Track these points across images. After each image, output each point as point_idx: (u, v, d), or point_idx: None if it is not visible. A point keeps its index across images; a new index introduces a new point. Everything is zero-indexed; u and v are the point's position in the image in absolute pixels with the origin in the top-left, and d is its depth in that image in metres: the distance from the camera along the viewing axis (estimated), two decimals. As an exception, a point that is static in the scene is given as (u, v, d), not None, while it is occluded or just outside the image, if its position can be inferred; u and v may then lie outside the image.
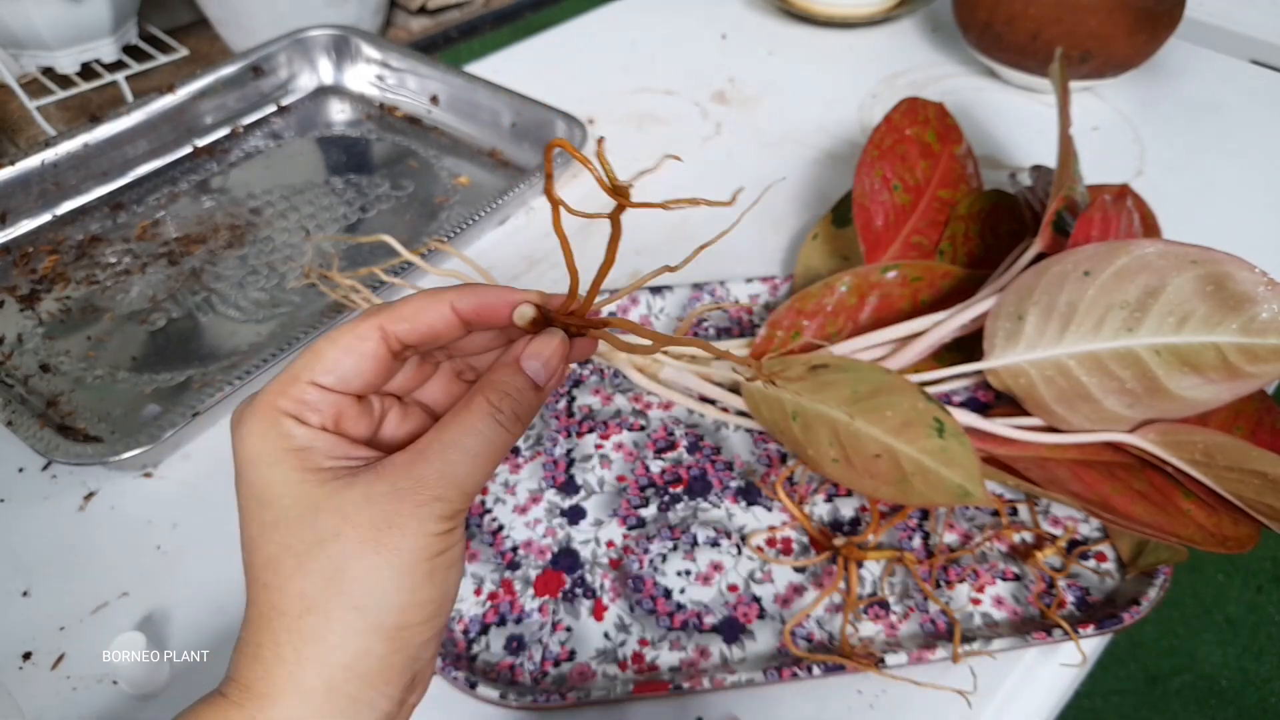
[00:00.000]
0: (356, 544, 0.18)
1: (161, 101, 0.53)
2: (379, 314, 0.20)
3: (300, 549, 0.18)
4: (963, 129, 0.45)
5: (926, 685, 0.30)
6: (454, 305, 0.21)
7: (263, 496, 0.19)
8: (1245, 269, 0.32)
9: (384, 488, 0.19)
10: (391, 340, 0.20)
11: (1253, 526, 0.33)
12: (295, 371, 0.20)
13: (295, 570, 0.18)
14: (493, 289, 0.21)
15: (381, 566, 0.18)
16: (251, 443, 0.19)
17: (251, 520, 0.19)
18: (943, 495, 0.31)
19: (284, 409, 0.19)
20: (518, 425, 0.20)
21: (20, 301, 0.45)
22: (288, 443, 0.19)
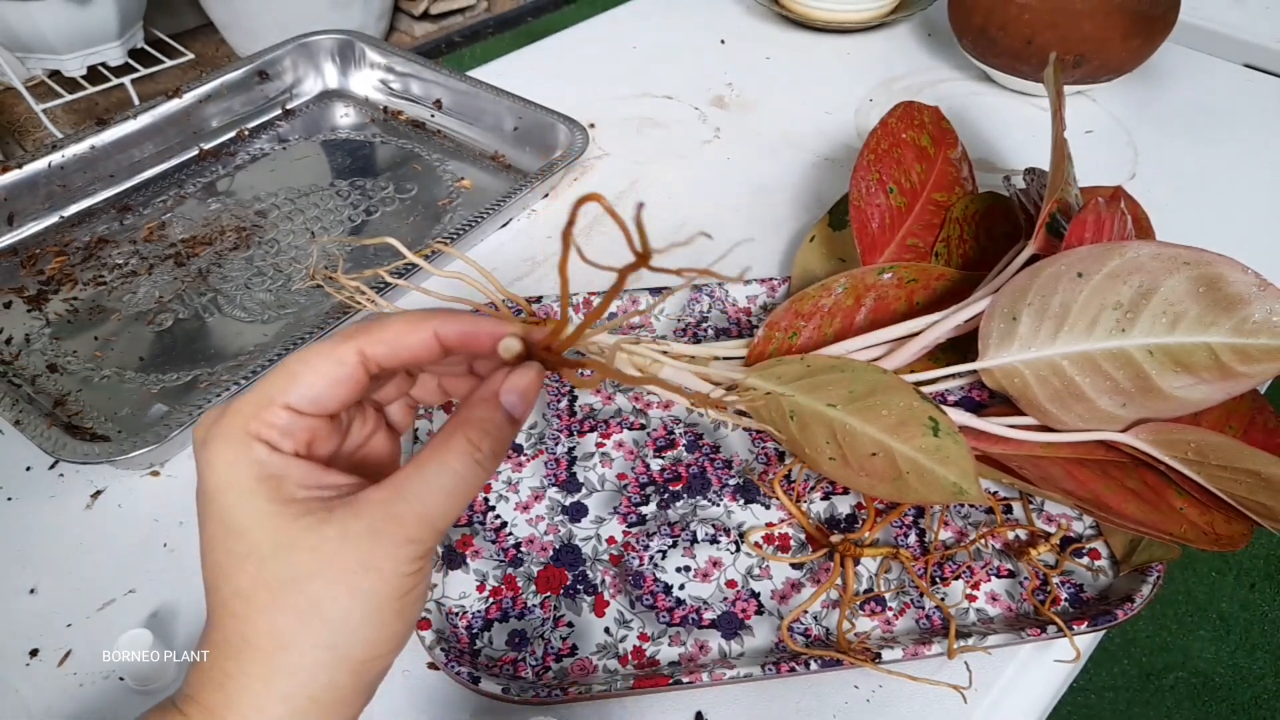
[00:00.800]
0: (331, 585, 0.18)
1: (168, 105, 0.54)
2: (358, 337, 0.20)
3: (275, 585, 0.18)
4: (958, 133, 0.46)
5: (922, 680, 0.30)
6: (437, 333, 0.20)
7: (233, 526, 0.18)
8: (1237, 270, 0.32)
9: (361, 528, 0.18)
10: (370, 364, 0.20)
11: (1245, 524, 0.34)
12: (269, 394, 0.19)
13: (269, 605, 0.18)
14: (477, 318, 0.21)
15: (355, 608, 0.18)
16: (220, 469, 0.19)
17: (218, 547, 0.19)
18: (938, 493, 0.31)
19: (256, 433, 0.19)
20: (494, 462, 0.20)
21: (28, 302, 0.46)
22: (259, 470, 0.19)
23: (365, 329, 0.20)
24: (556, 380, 0.41)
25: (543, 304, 0.43)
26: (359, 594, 0.18)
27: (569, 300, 0.21)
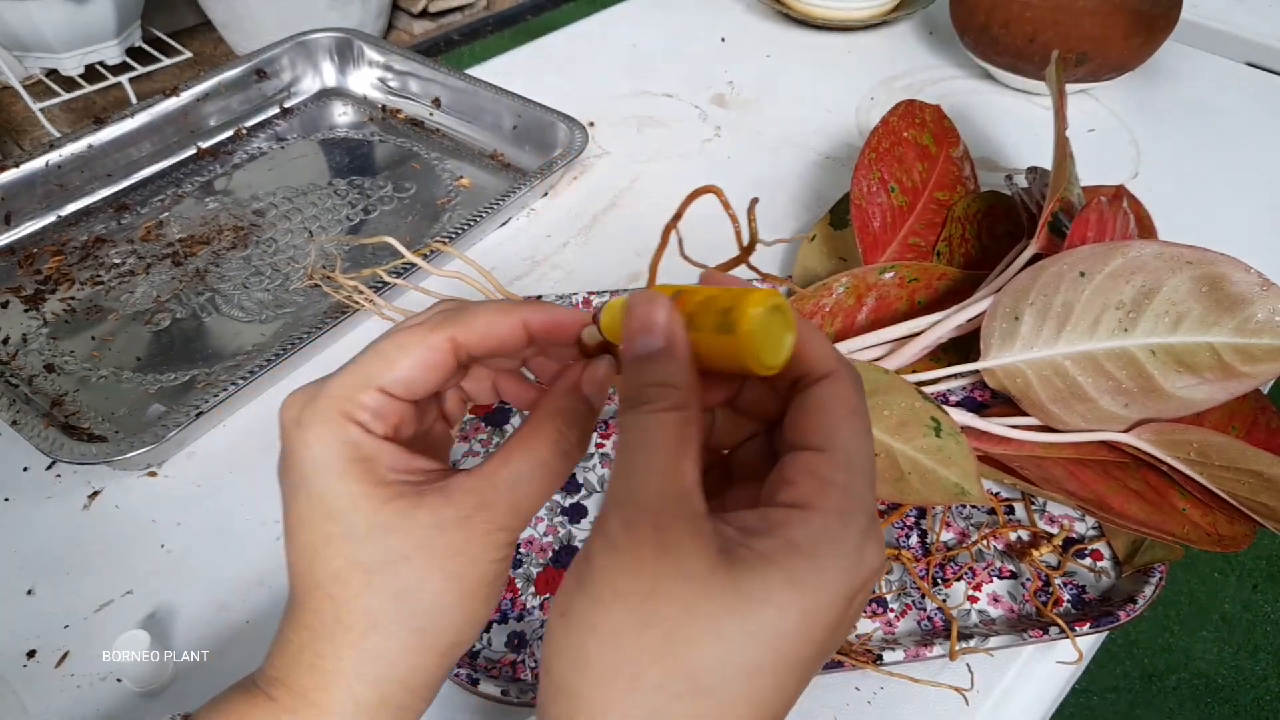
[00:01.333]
0: (425, 569, 0.18)
1: (165, 104, 0.54)
2: (451, 325, 0.20)
3: (371, 567, 0.18)
4: (959, 131, 0.46)
5: (924, 682, 0.30)
6: (526, 321, 0.20)
7: (330, 508, 0.19)
8: (1240, 270, 0.32)
9: (453, 514, 0.19)
10: (461, 353, 0.20)
11: (1248, 525, 0.34)
12: (365, 376, 0.19)
13: (364, 587, 0.18)
14: (560, 309, 0.21)
15: (449, 592, 0.19)
16: (317, 449, 0.19)
17: (314, 529, 0.19)
18: (939, 494, 0.31)
19: (350, 415, 0.19)
20: (580, 451, 0.20)
21: (25, 302, 0.45)
22: (354, 452, 0.19)
23: (456, 317, 0.20)
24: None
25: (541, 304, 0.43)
26: (452, 578, 0.19)
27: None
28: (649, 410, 0.17)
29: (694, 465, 0.17)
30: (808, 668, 0.16)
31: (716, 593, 0.16)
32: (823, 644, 0.16)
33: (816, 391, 0.18)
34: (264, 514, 0.36)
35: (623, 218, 0.51)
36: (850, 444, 0.17)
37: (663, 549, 0.16)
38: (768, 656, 0.15)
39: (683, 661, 0.15)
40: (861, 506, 0.17)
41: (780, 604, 0.16)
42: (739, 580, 0.16)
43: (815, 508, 0.16)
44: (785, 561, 0.16)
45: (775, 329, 0.18)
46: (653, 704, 0.15)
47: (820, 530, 0.16)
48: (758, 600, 0.16)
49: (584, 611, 0.16)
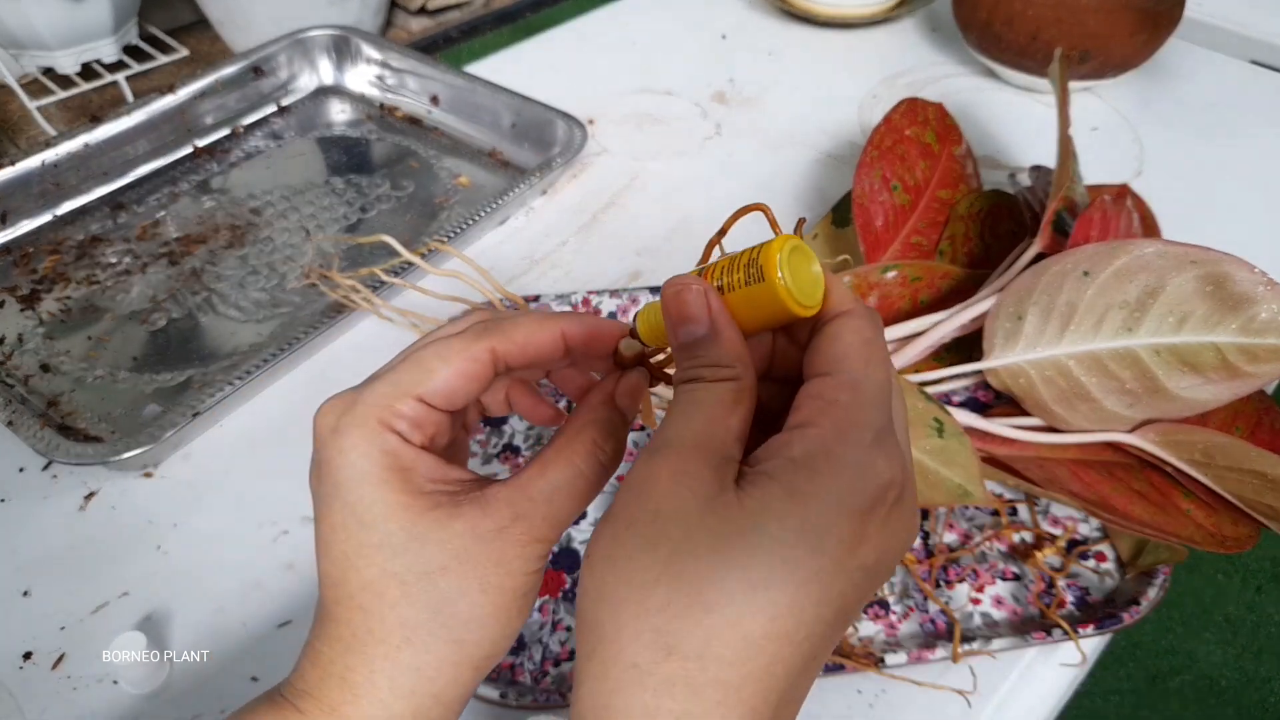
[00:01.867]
0: (462, 580, 0.18)
1: (162, 102, 0.53)
2: (490, 335, 0.20)
3: (407, 578, 0.18)
4: (962, 129, 0.45)
5: (926, 685, 0.30)
6: (565, 332, 0.20)
7: (365, 517, 0.18)
8: (1244, 269, 0.32)
9: (490, 525, 0.18)
10: (500, 364, 0.20)
11: (1252, 526, 0.33)
12: (403, 386, 0.19)
13: (400, 599, 0.18)
14: (597, 320, 0.21)
15: (485, 604, 0.19)
16: (354, 457, 0.18)
17: (348, 538, 0.19)
18: (942, 495, 0.31)
19: (388, 423, 0.19)
20: (616, 462, 0.20)
21: (21, 301, 0.45)
22: (392, 460, 0.19)
23: (497, 328, 0.20)
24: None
25: (540, 303, 0.42)
26: (489, 590, 0.18)
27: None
28: (701, 383, 0.18)
29: (741, 421, 0.17)
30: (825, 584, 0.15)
31: (719, 509, 0.16)
32: (839, 561, 0.15)
33: (830, 326, 0.18)
34: (261, 515, 0.36)
35: (622, 216, 0.51)
36: (857, 368, 0.17)
37: (677, 475, 0.16)
38: (773, 569, 0.15)
39: (686, 579, 0.15)
40: (866, 422, 0.16)
41: (780, 514, 0.15)
42: (741, 498, 0.16)
43: (815, 425, 0.16)
44: (783, 475, 0.16)
45: (802, 267, 0.18)
46: (658, 623, 0.15)
47: (817, 444, 0.16)
48: (757, 511, 0.15)
49: (603, 547, 0.17)
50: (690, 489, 0.16)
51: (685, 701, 0.15)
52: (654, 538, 0.16)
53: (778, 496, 0.16)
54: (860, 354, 0.17)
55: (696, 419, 0.17)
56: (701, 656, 0.15)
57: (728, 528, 0.15)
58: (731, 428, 0.17)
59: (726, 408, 0.17)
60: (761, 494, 0.16)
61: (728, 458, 0.17)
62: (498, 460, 0.38)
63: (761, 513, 0.15)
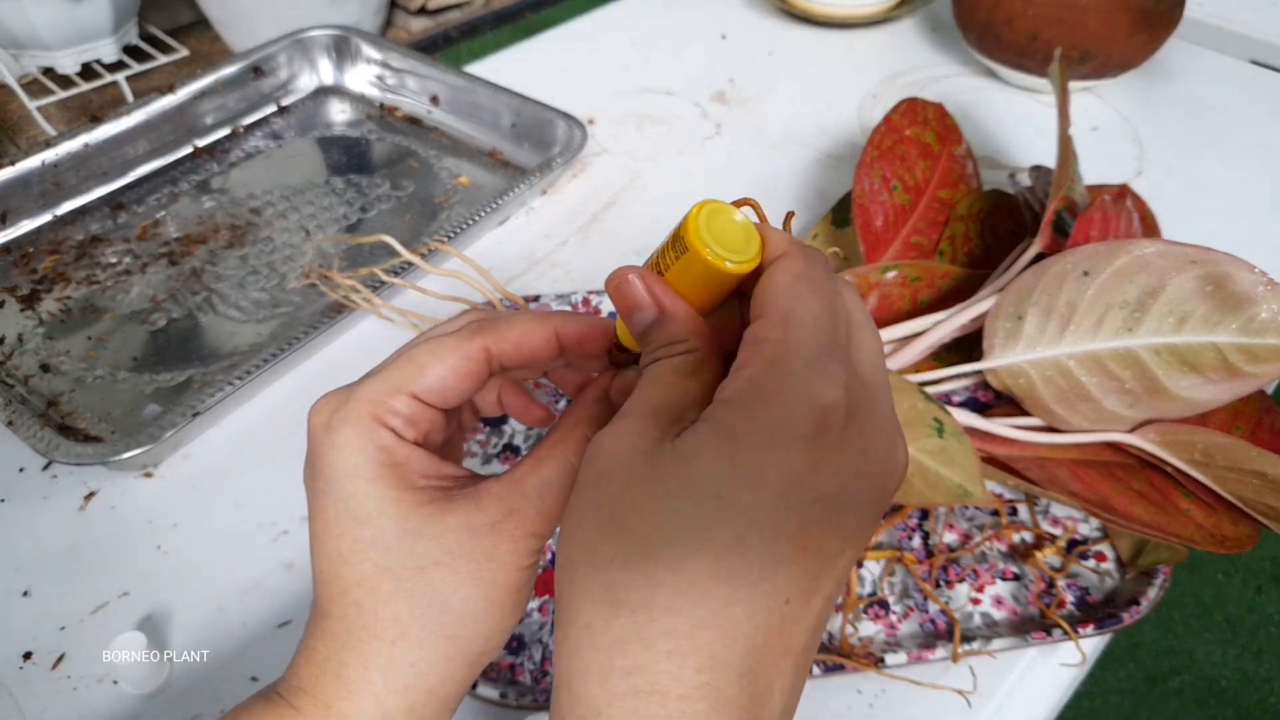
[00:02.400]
0: (455, 574, 0.18)
1: (162, 102, 0.53)
2: (484, 334, 0.20)
3: (401, 573, 0.18)
4: (962, 129, 0.45)
5: (926, 685, 0.30)
6: (558, 331, 0.20)
7: (358, 512, 0.18)
8: (1245, 269, 0.32)
9: (483, 520, 0.18)
10: (494, 362, 0.20)
11: (1252, 526, 0.33)
12: (396, 382, 0.19)
13: (394, 594, 0.18)
14: (592, 318, 0.21)
15: (479, 599, 0.18)
16: (347, 452, 0.18)
17: (342, 534, 0.18)
18: (942, 495, 0.31)
19: (381, 419, 0.19)
20: None
21: (21, 301, 0.45)
22: (385, 456, 0.19)
23: (491, 326, 0.20)
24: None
25: (540, 303, 0.42)
26: (482, 584, 0.18)
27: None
28: (660, 361, 0.18)
29: (700, 388, 0.17)
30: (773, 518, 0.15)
31: (655, 458, 0.16)
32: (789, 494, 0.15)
33: (766, 272, 0.18)
34: (261, 515, 0.36)
35: (622, 216, 0.51)
36: (788, 304, 0.17)
37: (622, 438, 0.16)
38: (708, 508, 0.15)
39: (627, 530, 0.15)
40: (796, 353, 0.16)
41: (712, 453, 0.15)
42: (677, 445, 0.16)
43: (746, 365, 0.16)
44: (714, 414, 0.16)
45: (723, 225, 0.18)
46: (605, 579, 0.15)
47: (745, 382, 0.16)
48: (690, 453, 0.15)
49: (564, 521, 0.17)
50: (632, 445, 0.16)
51: (636, 656, 0.14)
52: (598, 498, 0.16)
53: (708, 435, 0.15)
54: (789, 290, 0.17)
55: (650, 390, 0.17)
56: (649, 607, 0.14)
57: (663, 473, 0.15)
58: (689, 391, 0.17)
59: (683, 376, 0.17)
60: (693, 436, 0.15)
61: (679, 419, 0.17)
62: (497, 460, 0.38)
63: (694, 454, 0.15)
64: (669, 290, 0.18)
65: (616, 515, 0.15)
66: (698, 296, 0.18)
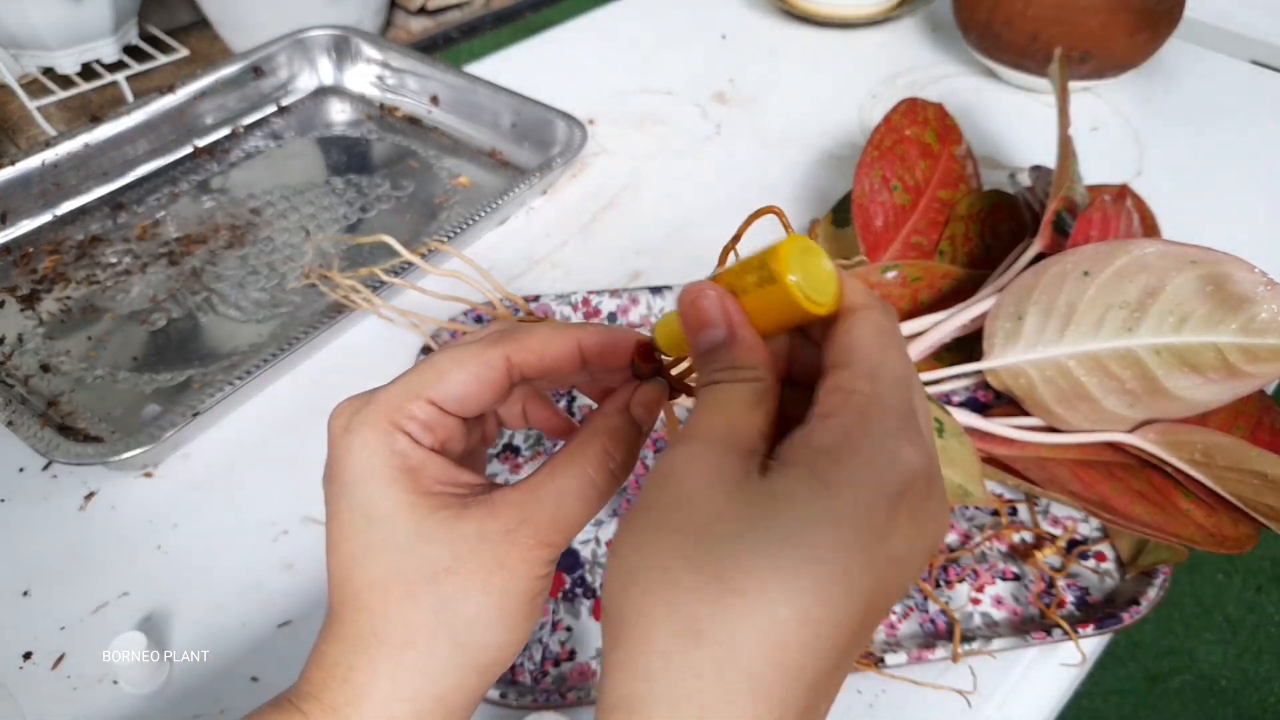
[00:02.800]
0: (467, 581, 0.18)
1: (162, 102, 0.53)
2: (505, 343, 0.20)
3: (411, 577, 0.18)
4: (962, 129, 0.45)
5: (926, 685, 0.30)
6: (580, 343, 0.20)
7: (372, 515, 0.18)
8: (1245, 269, 0.32)
9: (497, 527, 0.18)
10: (515, 372, 0.20)
11: (1252, 526, 0.33)
12: (415, 388, 0.19)
13: (404, 598, 0.18)
14: (614, 330, 0.21)
15: (490, 607, 0.18)
16: (364, 455, 0.19)
17: (355, 536, 0.18)
18: (942, 495, 0.31)
19: (399, 424, 0.19)
20: (625, 472, 0.20)
21: (21, 302, 0.45)
22: (401, 461, 0.19)
23: (512, 336, 0.20)
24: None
25: (540, 303, 0.42)
26: (493, 592, 0.18)
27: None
28: (723, 385, 0.18)
29: (765, 419, 0.17)
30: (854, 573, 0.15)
31: (745, 495, 0.16)
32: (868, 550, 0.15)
33: (846, 321, 0.18)
34: (260, 515, 0.36)
35: (622, 216, 0.51)
36: (875, 357, 0.17)
37: (704, 463, 0.16)
38: (799, 553, 0.15)
39: (714, 563, 0.15)
40: (888, 410, 0.16)
41: (806, 499, 0.15)
42: (767, 484, 0.16)
43: (837, 415, 0.16)
44: (808, 463, 0.16)
45: (812, 265, 0.18)
46: (686, 609, 0.15)
47: (839, 432, 0.16)
48: (783, 496, 0.15)
49: (630, 535, 0.16)
50: (717, 474, 0.16)
51: (713, 691, 0.15)
52: (680, 522, 0.16)
53: (803, 483, 0.15)
54: (876, 344, 0.17)
55: (720, 415, 0.17)
56: (730, 643, 0.15)
57: (755, 512, 0.15)
58: (755, 423, 0.17)
59: (749, 405, 0.17)
60: (787, 482, 0.16)
61: (752, 450, 0.17)
62: (497, 460, 0.38)
63: (788, 498, 0.15)
64: (743, 314, 0.18)
65: (703, 544, 0.15)
66: (767, 326, 0.18)
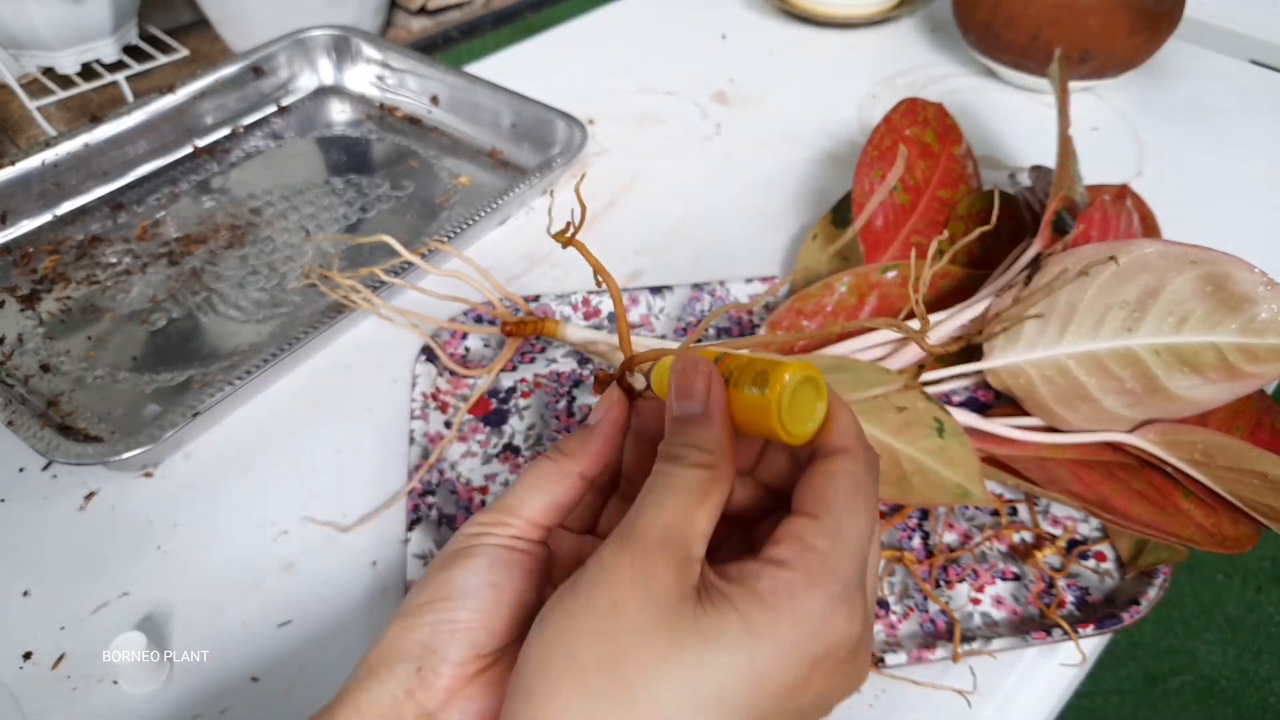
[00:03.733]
0: None
1: (162, 102, 0.53)
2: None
3: None
4: (962, 129, 0.45)
5: (926, 685, 0.30)
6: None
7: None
8: (1245, 269, 0.32)
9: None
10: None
11: (1252, 526, 0.33)
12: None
13: None
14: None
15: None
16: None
17: None
18: (942, 495, 0.31)
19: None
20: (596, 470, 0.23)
21: (21, 301, 0.45)
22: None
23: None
24: (555, 381, 0.41)
25: (540, 303, 0.43)
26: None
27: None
28: (679, 464, 0.18)
29: (707, 518, 0.18)
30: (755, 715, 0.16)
31: (675, 622, 0.16)
32: (777, 701, 0.16)
33: (827, 463, 0.19)
34: (261, 515, 0.36)
35: (622, 216, 0.51)
36: (843, 517, 0.18)
37: (641, 574, 0.17)
38: (710, 693, 0.16)
39: (627, 678, 0.16)
40: (837, 576, 0.17)
41: (731, 645, 0.16)
42: (699, 616, 0.16)
43: (787, 565, 0.17)
44: (745, 607, 0.17)
45: (805, 398, 0.19)
46: (589, 709, 0.16)
47: (784, 586, 0.17)
48: (711, 636, 0.16)
49: (557, 618, 0.17)
50: (650, 590, 0.17)
51: None
52: (607, 630, 0.16)
53: (734, 626, 0.16)
54: (848, 500, 0.18)
55: (665, 509, 0.18)
56: None
57: (679, 640, 0.16)
58: (697, 523, 0.18)
59: (696, 498, 0.18)
60: (720, 619, 0.16)
61: (690, 557, 0.18)
62: (497, 460, 0.38)
63: (715, 638, 0.16)
64: (723, 401, 0.19)
65: (621, 657, 0.16)
66: (744, 426, 0.19)
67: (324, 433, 0.39)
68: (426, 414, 0.38)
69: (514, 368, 0.41)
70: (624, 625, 0.16)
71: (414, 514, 0.34)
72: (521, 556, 0.20)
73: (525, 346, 0.42)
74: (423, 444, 0.37)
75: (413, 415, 0.38)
